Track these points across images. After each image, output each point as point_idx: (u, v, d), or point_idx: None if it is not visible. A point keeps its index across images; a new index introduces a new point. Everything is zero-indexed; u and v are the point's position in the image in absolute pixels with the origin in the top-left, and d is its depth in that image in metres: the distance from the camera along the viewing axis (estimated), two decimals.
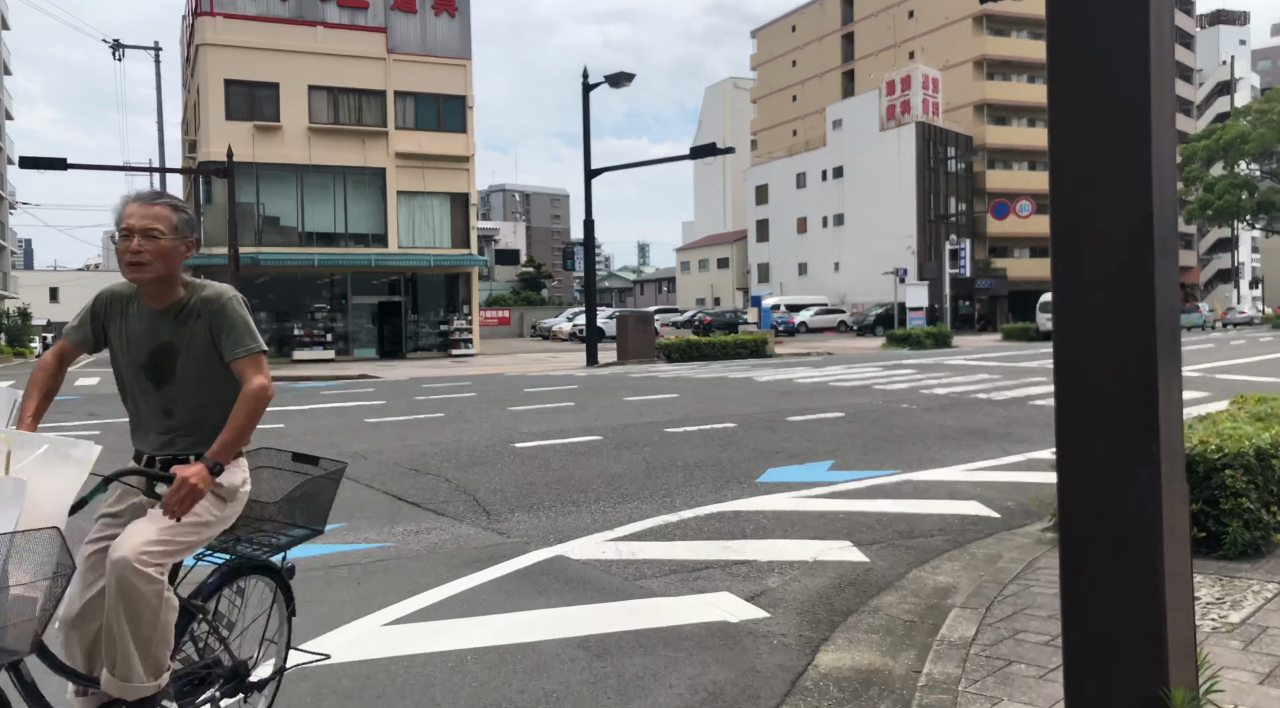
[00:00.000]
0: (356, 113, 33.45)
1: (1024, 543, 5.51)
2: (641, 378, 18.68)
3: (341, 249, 32.97)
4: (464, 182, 34.95)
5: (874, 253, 56.14)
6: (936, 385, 15.25)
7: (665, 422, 10.94)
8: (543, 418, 11.46)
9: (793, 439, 9.55)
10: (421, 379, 20.58)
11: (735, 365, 23.24)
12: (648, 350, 26.75)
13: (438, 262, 33.49)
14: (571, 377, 19.93)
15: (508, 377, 20.86)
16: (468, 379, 19.98)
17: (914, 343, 35.70)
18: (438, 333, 34.99)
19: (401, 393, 15.94)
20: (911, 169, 53.76)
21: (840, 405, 12.49)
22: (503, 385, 17.33)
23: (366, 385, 18.55)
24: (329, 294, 33.78)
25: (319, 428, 10.78)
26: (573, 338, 43.95)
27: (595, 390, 15.25)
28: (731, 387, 15.66)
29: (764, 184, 67.80)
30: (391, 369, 25.80)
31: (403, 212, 34.13)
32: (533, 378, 19.93)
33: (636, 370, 21.95)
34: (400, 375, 22.39)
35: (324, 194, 33.23)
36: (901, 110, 54.32)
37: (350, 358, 33.14)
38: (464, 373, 23.27)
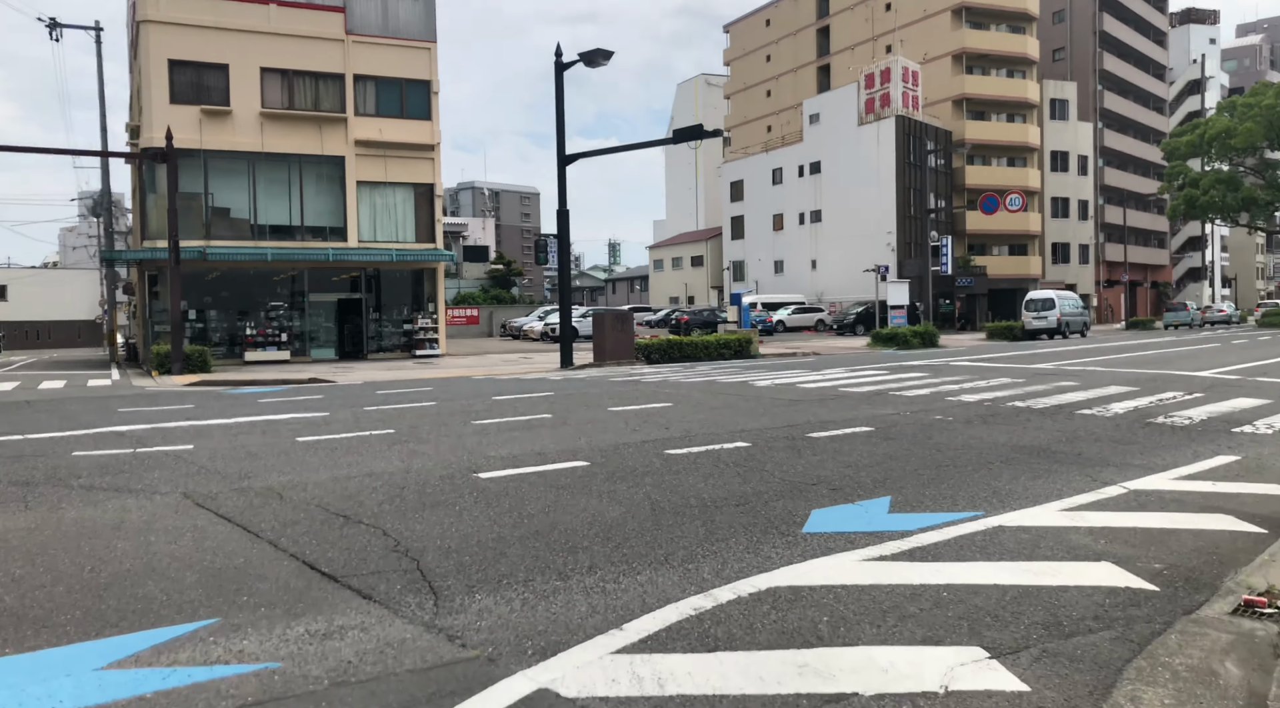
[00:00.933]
0: (313, 97, 31.30)
1: (1227, 640, 3.75)
2: (624, 382, 16.82)
3: (297, 243, 30.81)
4: (429, 171, 32.89)
5: (852, 250, 54.68)
6: (959, 392, 13.54)
7: (663, 440, 9.11)
8: (514, 436, 9.58)
9: (826, 464, 7.75)
10: (378, 384, 18.60)
11: (722, 367, 21.46)
12: (626, 351, 24.91)
13: (400, 256, 31.43)
14: (545, 381, 18.04)
15: (474, 381, 18.93)
16: (429, 384, 18.03)
17: (900, 342, 34.21)
18: (401, 333, 32.93)
19: (351, 401, 13.97)
20: (891, 164, 52.32)
21: (864, 418, 10.71)
22: (468, 392, 15.41)
23: (314, 391, 16.54)
24: (285, 291, 31.59)
25: (236, 451, 8.81)
26: (545, 338, 42.01)
27: (574, 399, 13.37)
28: (729, 393, 13.84)
29: (739, 180, 66.15)
30: (348, 372, 23.75)
31: (363, 203, 32.02)
32: (502, 383, 18.02)
33: (616, 373, 20.09)
34: (355, 379, 20.38)
35: (278, 184, 31.06)
36: (881, 104, 52.87)
37: (306, 359, 31.00)
38: (426, 376, 21.31)
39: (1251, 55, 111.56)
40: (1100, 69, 68.36)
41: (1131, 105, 72.72)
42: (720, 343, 27.11)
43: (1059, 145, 62.28)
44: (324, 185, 31.60)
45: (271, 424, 10.83)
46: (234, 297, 30.78)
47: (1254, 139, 44.88)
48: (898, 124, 51.90)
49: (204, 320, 30.22)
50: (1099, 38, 68.18)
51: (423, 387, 17.13)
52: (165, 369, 23.34)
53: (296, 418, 11.53)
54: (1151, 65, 76.75)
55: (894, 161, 52.07)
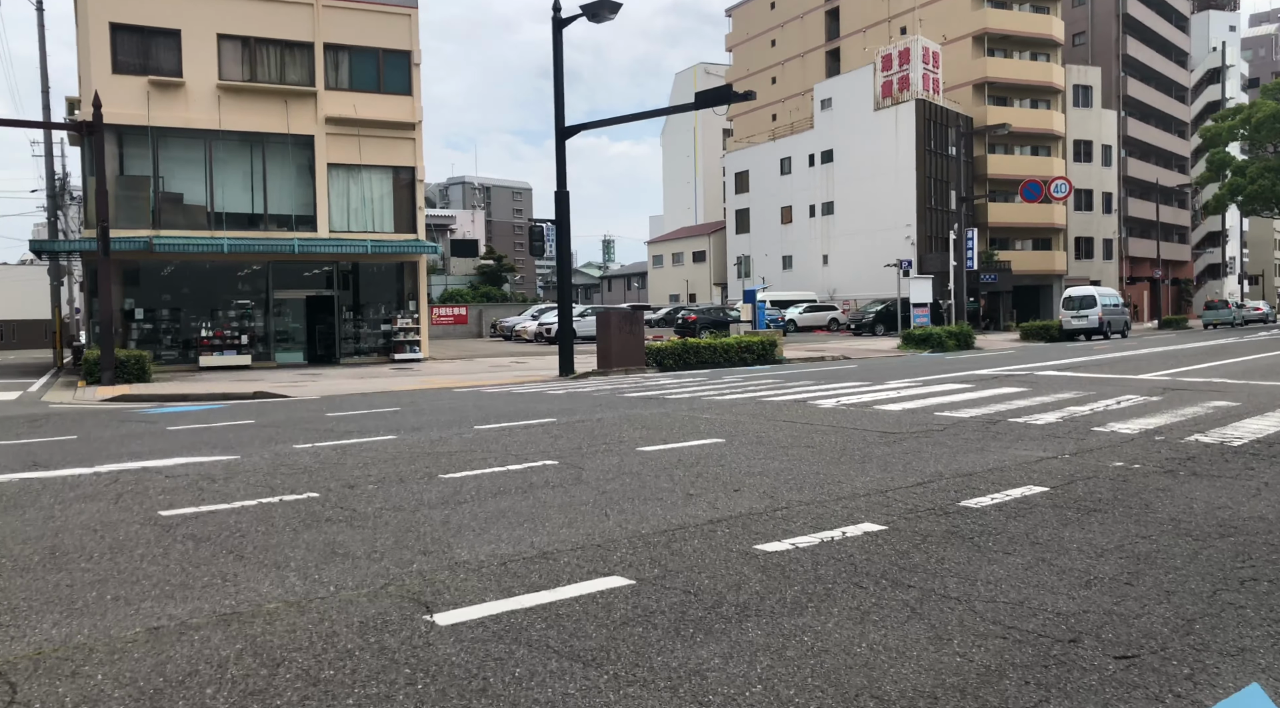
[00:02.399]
0: (278, 68, 27.71)
1: None
2: (643, 399, 13.32)
3: (260, 233, 27.23)
4: (409, 153, 29.33)
5: (867, 244, 51.26)
6: (1093, 415, 10.08)
7: (742, 519, 5.62)
8: (502, 507, 6.08)
9: (1045, 579, 4.32)
10: (337, 399, 15.06)
11: (752, 376, 17.95)
12: (635, 356, 21.42)
13: (377, 249, 27.87)
14: (544, 395, 14.53)
15: (456, 395, 15.40)
16: (400, 400, 14.50)
17: (935, 344, 30.84)
18: (379, 334, 29.39)
19: (285, 431, 10.43)
20: (911, 151, 48.87)
21: (1013, 466, 7.26)
22: (445, 414, 11.89)
23: (249, 413, 12.99)
24: (248, 288, 28.03)
25: (32, 545, 5.28)
26: (539, 339, 38.49)
27: (585, 429, 9.84)
28: (791, 421, 10.34)
29: (744, 170, 62.65)
30: (311, 381, 20.20)
31: (335, 189, 28.46)
32: (490, 397, 14.50)
33: (627, 385, 16.59)
34: (313, 392, 16.83)
35: (238, 167, 27.48)
36: (899, 87, 49.40)
37: (270, 364, 27.43)
38: (401, 387, 17.78)
39: (1267, 45, 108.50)
40: (1124, 54, 65.01)
41: (1154, 93, 69.41)
42: (741, 346, 23.64)
43: (1082, 134, 58.93)
44: (290, 168, 28.02)
45: (141, 480, 7.28)
46: (193, 294, 27.24)
47: None
48: (918, 109, 48.45)
49: (154, 321, 26.66)
50: (1122, 21, 64.83)
51: (390, 405, 13.59)
52: (96, 378, 19.78)
53: (189, 466, 7.98)
54: (1174, 51, 73.44)
55: (914, 149, 48.63)
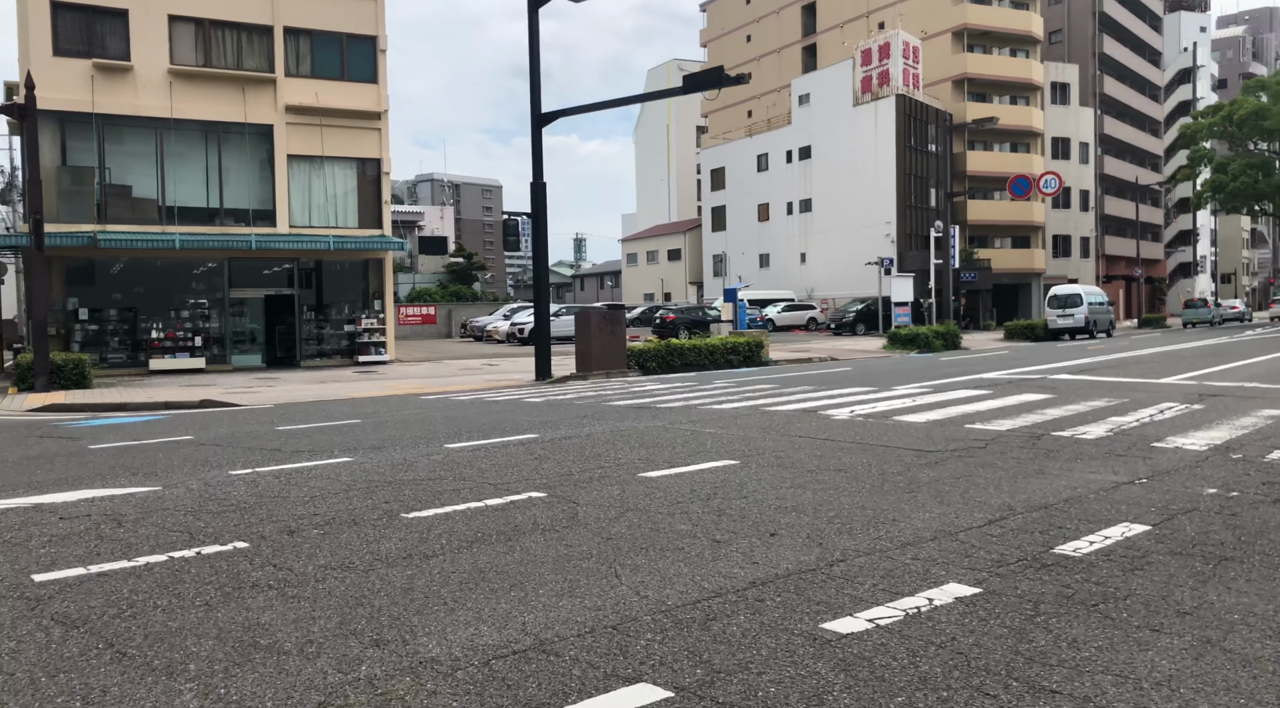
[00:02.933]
0: (235, 53, 26.14)
1: None
2: (632, 409, 12.06)
3: (215, 228, 25.66)
4: (374, 145, 27.85)
5: (846, 242, 50.33)
6: (1157, 430, 8.96)
7: (792, 577, 4.39)
8: (481, 563, 4.80)
9: (1267, 701, 3.05)
10: (292, 409, 13.66)
11: (744, 381, 16.74)
12: (616, 358, 20.14)
13: (340, 245, 26.38)
14: (521, 404, 13.22)
15: (423, 402, 14.05)
16: (360, 411, 13.14)
17: (922, 344, 29.88)
18: (343, 335, 27.89)
19: (225, 451, 9.06)
20: (891, 147, 47.96)
21: (1094, 493, 6.09)
22: (411, 429, 10.56)
23: (190, 426, 11.58)
24: (204, 287, 26.44)
25: None
26: (511, 339, 37.09)
27: (574, 448, 8.54)
28: (808, 435, 9.12)
29: (720, 167, 61.54)
30: (266, 387, 18.74)
31: (295, 182, 26.93)
32: (462, 407, 13.17)
33: (612, 390, 15.31)
34: (266, 400, 15.40)
35: (192, 158, 25.88)
36: (879, 82, 48.47)
37: (226, 367, 25.87)
38: (364, 393, 16.39)
39: (1234, 47, 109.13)
40: (1100, 52, 64.63)
41: (1129, 91, 69.15)
42: (727, 348, 22.44)
43: (1060, 131, 58.39)
44: (248, 160, 26.46)
45: (26, 524, 5.88)
46: (144, 293, 25.64)
47: None
48: (898, 104, 47.54)
49: (101, 321, 25.00)
50: (1099, 19, 64.43)
51: (350, 416, 12.22)
52: (29, 384, 18.17)
53: (95, 502, 6.60)
54: (1148, 50, 73.28)
55: (894, 145, 47.72)
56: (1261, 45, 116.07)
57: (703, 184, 65.04)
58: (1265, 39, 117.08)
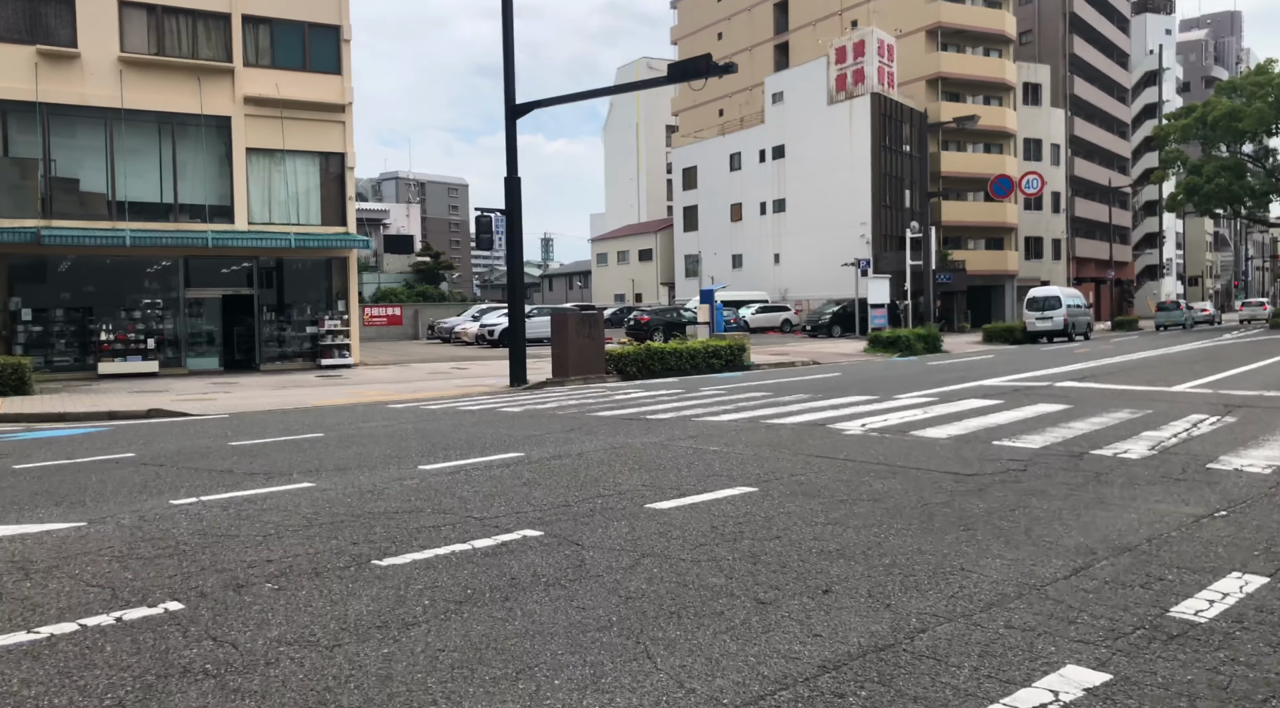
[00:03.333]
0: (190, 42, 24.88)
1: None
2: (621, 420, 11.15)
3: (169, 225, 24.38)
4: (338, 138, 26.69)
5: (820, 243, 49.75)
6: (1201, 447, 8.21)
7: (871, 658, 3.52)
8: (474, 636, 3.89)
9: None
10: (248, 419, 12.58)
11: (733, 387, 15.88)
12: (595, 363, 19.21)
13: (302, 242, 25.20)
14: (498, 414, 12.26)
15: (392, 412, 13.04)
16: (324, 423, 12.11)
17: (903, 348, 29.26)
18: (305, 337, 26.68)
19: (168, 473, 8.03)
20: (866, 147, 47.42)
21: (1175, 529, 5.30)
22: (380, 445, 9.58)
23: (133, 440, 10.50)
24: (158, 286, 25.14)
25: None
26: (481, 341, 36.02)
27: (569, 474, 7.59)
28: (823, 455, 8.25)
29: (692, 166, 60.75)
30: (223, 393, 17.59)
31: (255, 176, 25.70)
32: (434, 417, 12.18)
33: (594, 398, 14.38)
34: (223, 407, 14.29)
35: (144, 151, 24.58)
36: (854, 80, 47.93)
37: (180, 371, 24.60)
38: (326, 401, 15.31)
39: (1197, 50, 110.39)
40: (1070, 53, 64.68)
41: (1098, 93, 69.35)
42: (709, 351, 21.59)
43: (1032, 132, 58.26)
44: (204, 153, 25.20)
45: None
46: (96, 293, 24.33)
47: (1267, 121, 40.97)
48: (873, 103, 47.01)
49: (46, 323, 23.63)
50: (1069, 20, 64.48)
51: (312, 428, 11.19)
52: None
53: (0, 542, 5.57)
54: (1115, 52, 73.59)
55: (869, 144, 47.19)
56: (1223, 49, 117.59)
57: (674, 183, 64.22)
58: (1226, 42, 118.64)
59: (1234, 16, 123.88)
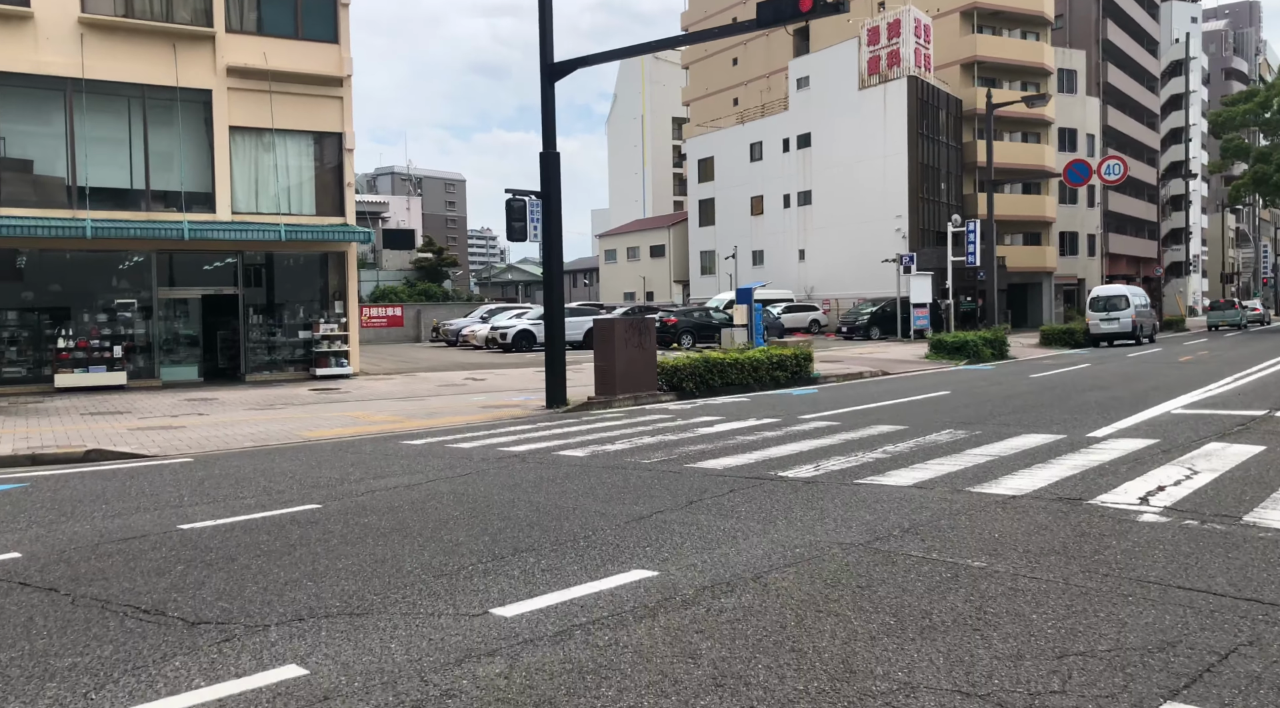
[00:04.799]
0: (163, 3, 21.49)
1: None
2: (751, 482, 7.88)
3: (139, 214, 21.02)
4: (334, 116, 23.35)
5: (850, 238, 46.50)
6: None
7: None
8: None
9: None
10: (217, 467, 9.26)
11: (835, 414, 12.58)
12: (646, 378, 15.92)
13: (294, 235, 21.85)
14: (555, 461, 8.98)
15: (409, 452, 9.73)
16: (319, 479, 8.81)
17: (971, 354, 25.99)
18: (297, 343, 23.34)
19: (40, 622, 4.72)
20: (902, 135, 44.13)
21: None
22: (411, 535, 6.34)
23: (30, 517, 7.20)
24: (128, 285, 21.82)
25: None
26: (492, 345, 32.72)
27: (764, 637, 4.31)
28: (1189, 585, 4.97)
29: (708, 157, 57.43)
30: (195, 417, 14.25)
31: (239, 159, 22.35)
32: (470, 467, 8.88)
33: (666, 428, 11.07)
34: (188, 443, 10.96)
35: (110, 128, 21.21)
36: (888, 63, 44.63)
37: (153, 382, 21.25)
38: (322, 431, 11.98)
39: (1217, 41, 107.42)
40: (1104, 39, 61.47)
41: (1129, 81, 66.18)
42: (773, 362, 18.32)
43: (1067, 122, 55.03)
44: (181, 132, 21.83)
45: None
46: (58, 293, 20.98)
47: None
48: (910, 87, 43.72)
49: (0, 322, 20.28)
50: (1102, 4, 61.23)
51: (303, 489, 7.88)
52: None
53: None
54: (1146, 38, 70.41)
55: (905, 131, 43.90)
56: (1242, 40, 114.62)
57: (689, 175, 60.89)
58: (1245, 33, 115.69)
59: (1252, 7, 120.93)
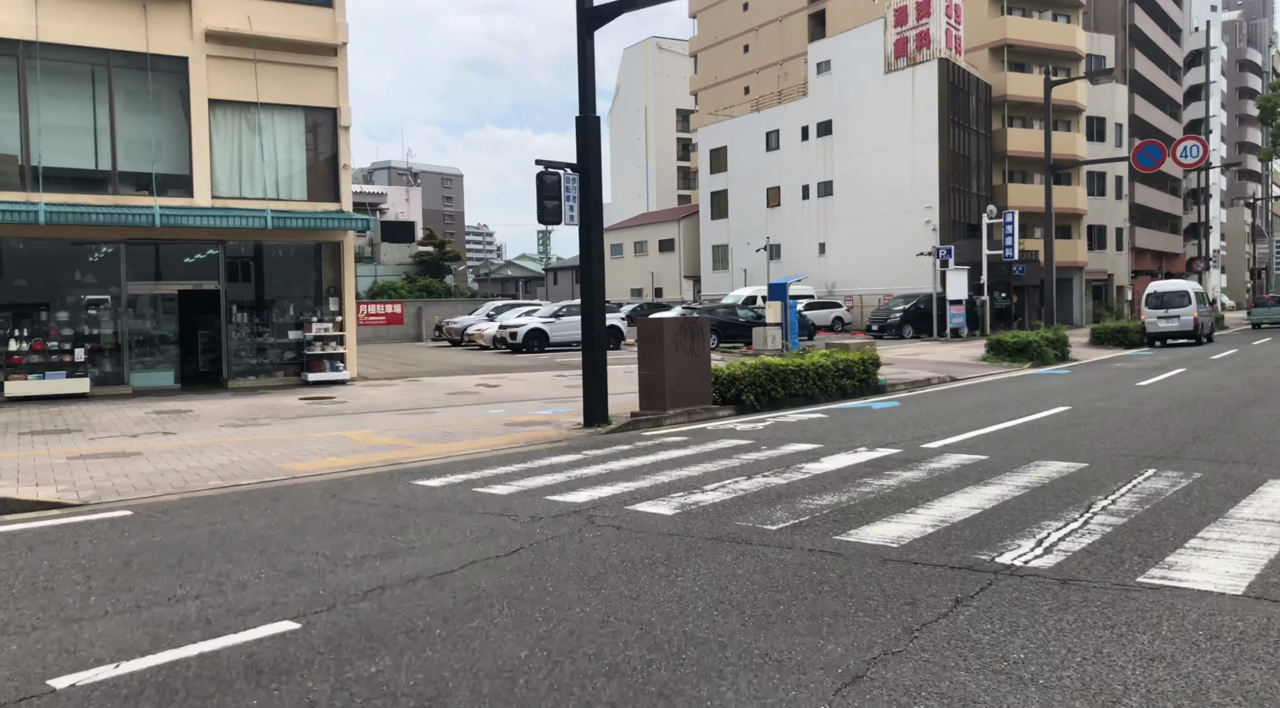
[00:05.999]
0: None
1: None
2: (949, 570, 5.32)
3: (103, 198, 18.38)
4: (328, 89, 20.72)
5: (875, 230, 43.94)
6: None
7: None
8: None
9: None
10: (164, 530, 6.66)
11: (964, 446, 10.03)
12: (699, 389, 13.35)
13: (282, 222, 19.22)
14: (627, 518, 6.44)
15: (427, 500, 7.15)
16: (299, 563, 6.21)
17: (1034, 355, 23.46)
18: (287, 344, 20.73)
19: None
20: (932, 121, 41.56)
21: None
22: (440, 695, 3.67)
23: None
24: (94, 279, 19.23)
25: None
26: (500, 345, 30.12)
27: None
28: None
29: (721, 147, 54.80)
30: (160, 436, 11.64)
31: (220, 136, 19.72)
32: (513, 536, 6.30)
33: (758, 462, 8.51)
34: (143, 480, 8.36)
35: (70, 100, 18.58)
36: (917, 45, 42.05)
37: (122, 389, 18.65)
38: (307, 464, 9.37)
39: (1231, 32, 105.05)
40: (1131, 24, 58.95)
41: (1154, 69, 63.71)
42: (839, 369, 15.75)
43: (1096, 110, 52.46)
44: (152, 106, 19.18)
45: None
46: (14, 289, 18.35)
47: None
48: (941, 70, 41.14)
49: None
50: None
51: (276, 583, 5.31)
52: None
53: None
54: (1170, 25, 67.94)
55: (935, 117, 41.32)
56: (1255, 31, 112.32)
57: (700, 165, 58.26)
58: (1259, 24, 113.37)
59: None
